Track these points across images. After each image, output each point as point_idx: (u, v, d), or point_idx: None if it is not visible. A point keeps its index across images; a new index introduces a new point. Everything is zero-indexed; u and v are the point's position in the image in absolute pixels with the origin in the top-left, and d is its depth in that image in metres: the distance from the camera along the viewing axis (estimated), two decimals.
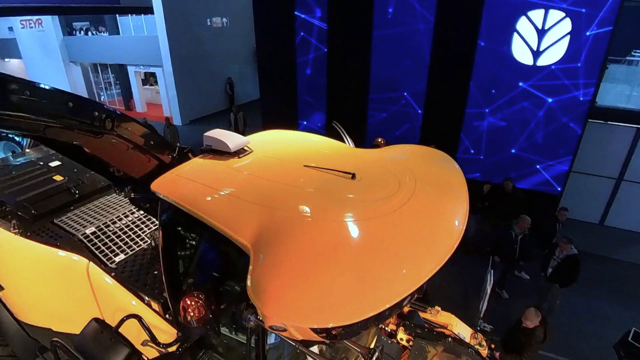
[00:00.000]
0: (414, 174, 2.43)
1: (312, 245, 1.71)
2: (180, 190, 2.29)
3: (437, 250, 1.78)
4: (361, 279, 1.56)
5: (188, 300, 1.70)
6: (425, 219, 2.00)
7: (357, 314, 1.42)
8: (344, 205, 2.01)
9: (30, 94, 1.61)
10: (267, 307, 1.44)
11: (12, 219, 3.46)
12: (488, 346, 4.26)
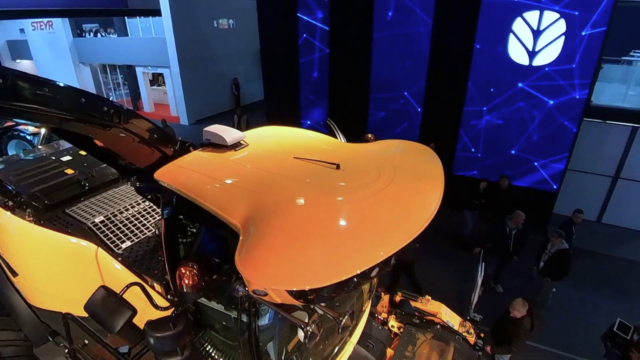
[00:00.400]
0: (394, 165, 2.65)
1: (292, 222, 1.94)
2: (181, 179, 2.53)
3: (406, 228, 2.00)
4: (334, 249, 1.79)
5: (183, 269, 1.94)
6: (398, 203, 2.22)
7: (330, 278, 1.64)
8: (325, 190, 2.24)
9: (48, 90, 1.86)
10: (250, 273, 1.67)
11: (26, 209, 3.72)
12: (477, 334, 4.44)
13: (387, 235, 1.92)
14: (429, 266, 7.63)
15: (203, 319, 2.88)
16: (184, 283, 1.89)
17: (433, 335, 4.35)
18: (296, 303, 1.72)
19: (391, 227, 2.01)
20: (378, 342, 4.01)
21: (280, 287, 1.62)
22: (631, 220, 9.16)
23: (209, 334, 2.96)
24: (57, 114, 1.93)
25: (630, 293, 7.37)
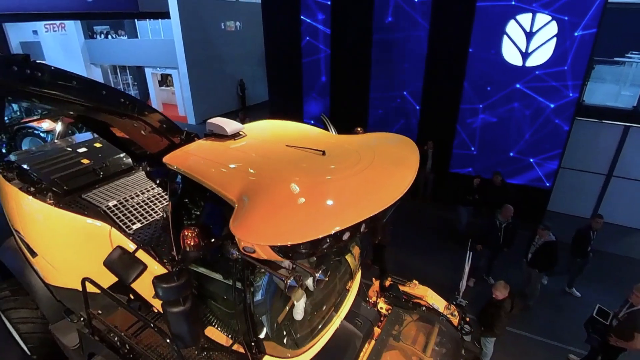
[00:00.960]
0: (375, 152, 2.98)
1: (278, 195, 2.28)
2: (186, 162, 2.88)
3: (376, 202, 2.33)
4: (312, 215, 2.13)
5: (186, 231, 2.29)
6: (372, 182, 2.55)
7: (307, 236, 1.98)
8: (309, 171, 2.58)
9: (76, 83, 2.23)
10: (241, 233, 2.01)
11: (47, 193, 4.12)
12: (461, 317, 4.73)
13: (357, 207, 2.26)
14: (423, 258, 7.93)
15: (204, 290, 3.23)
16: (187, 243, 2.24)
17: (419, 316, 4.66)
18: (279, 259, 2.06)
19: (362, 200, 2.35)
20: (366, 320, 4.33)
21: (265, 243, 1.97)
22: (624, 218, 9.35)
23: (210, 304, 3.31)
24: (83, 102, 2.30)
25: (620, 287, 7.52)
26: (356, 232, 2.18)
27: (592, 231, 6.87)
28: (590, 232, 6.85)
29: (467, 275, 5.44)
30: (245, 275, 2.61)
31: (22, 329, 5.04)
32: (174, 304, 2.31)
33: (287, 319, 3.43)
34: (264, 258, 2.07)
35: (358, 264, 4.20)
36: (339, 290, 3.88)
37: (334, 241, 2.08)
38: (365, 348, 4.13)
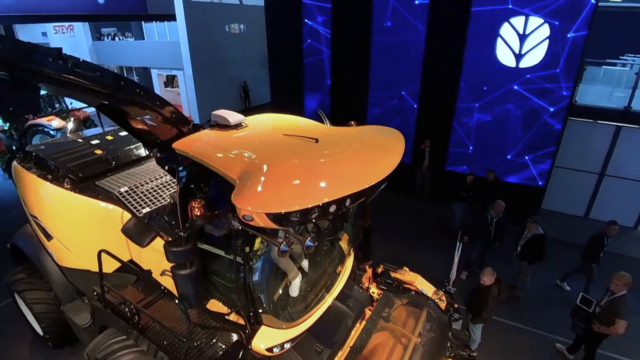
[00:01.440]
0: (363, 140, 3.29)
1: (274, 172, 2.59)
2: (193, 148, 3.19)
3: (361, 180, 2.63)
4: (304, 188, 2.44)
5: (193, 202, 2.60)
6: (358, 164, 2.86)
7: (298, 205, 2.29)
8: (303, 154, 2.89)
9: (99, 74, 2.55)
10: (240, 203, 2.32)
11: (64, 180, 4.46)
12: (449, 303, 5.01)
13: (343, 184, 2.56)
14: (417, 252, 8.20)
15: (209, 268, 3.54)
16: (194, 213, 2.55)
17: (408, 300, 4.94)
18: (273, 226, 2.36)
19: (348, 178, 2.66)
20: (358, 302, 4.62)
21: (262, 211, 2.27)
22: (616, 216, 9.53)
23: (214, 280, 3.62)
24: (104, 90, 2.62)
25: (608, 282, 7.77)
26: (341, 205, 2.48)
27: (606, 237, 6.79)
28: (605, 239, 6.78)
29: (456, 265, 5.74)
30: (245, 251, 2.92)
31: (36, 309, 5.37)
32: (181, 267, 2.62)
33: (284, 295, 3.73)
34: (261, 226, 2.37)
35: (349, 249, 4.50)
36: (330, 272, 4.19)
37: (322, 212, 2.38)
38: (356, 327, 4.41)
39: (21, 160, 5.30)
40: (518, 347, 6.10)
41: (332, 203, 2.40)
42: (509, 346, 6.11)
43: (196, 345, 3.40)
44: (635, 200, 9.33)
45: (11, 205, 10.87)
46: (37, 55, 2.21)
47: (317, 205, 2.33)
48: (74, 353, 5.76)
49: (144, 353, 3.56)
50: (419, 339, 4.45)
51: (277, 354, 3.46)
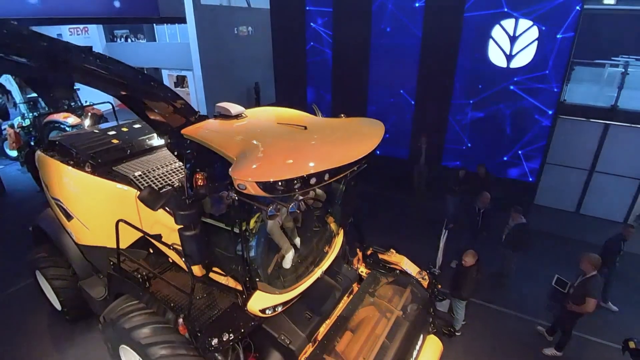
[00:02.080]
0: (347, 128, 3.78)
1: (265, 151, 3.08)
2: (199, 133, 3.69)
3: (339, 159, 3.11)
4: (290, 163, 2.92)
5: (197, 175, 3.09)
6: (339, 146, 3.34)
7: (285, 175, 2.77)
8: (292, 139, 3.38)
9: (121, 68, 3.07)
10: (236, 173, 2.81)
11: (85, 165, 5.01)
12: (431, 281, 5.44)
13: (323, 161, 3.05)
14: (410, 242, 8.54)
15: (212, 241, 4.03)
16: (198, 183, 3.05)
17: (393, 279, 5.39)
18: (263, 194, 2.84)
19: (328, 157, 3.14)
20: (346, 278, 5.08)
21: (252, 180, 2.76)
22: (605, 211, 9.88)
23: (217, 252, 4.11)
24: (125, 82, 3.14)
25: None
26: (320, 178, 2.96)
27: (623, 241, 6.61)
28: (622, 243, 6.61)
29: (442, 250, 6.17)
30: (242, 222, 3.41)
31: (56, 284, 5.92)
32: (187, 228, 3.12)
33: (277, 266, 4.22)
34: (252, 194, 2.86)
35: (337, 230, 4.97)
36: (320, 249, 4.67)
37: (303, 183, 2.86)
38: (344, 300, 4.88)
39: (44, 150, 5.88)
40: (501, 329, 6.48)
41: (312, 176, 2.88)
42: (492, 328, 6.50)
43: (199, 308, 3.90)
44: (624, 196, 9.62)
45: (30, 196, 11.56)
46: (74, 52, 2.73)
47: (299, 176, 2.82)
48: (89, 327, 6.30)
49: (154, 314, 4.07)
50: (401, 312, 4.90)
51: (269, 316, 3.95)
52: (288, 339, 4.03)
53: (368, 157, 3.53)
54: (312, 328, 4.29)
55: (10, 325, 6.43)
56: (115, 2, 9.97)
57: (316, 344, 4.23)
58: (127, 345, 4.18)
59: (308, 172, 2.85)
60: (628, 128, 9.11)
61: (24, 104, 15.16)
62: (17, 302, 7.03)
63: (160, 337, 3.87)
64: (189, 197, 3.14)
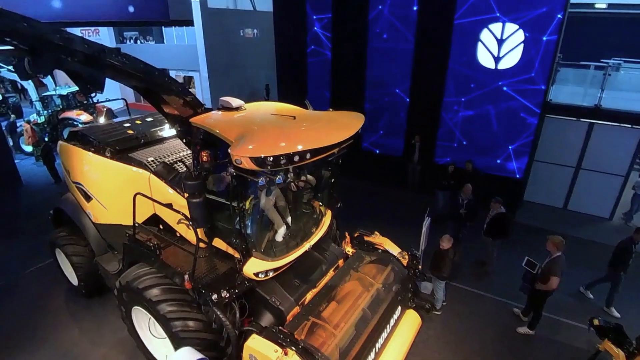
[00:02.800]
0: (331, 119, 4.39)
1: (258, 135, 3.70)
2: (204, 121, 4.32)
3: (320, 141, 3.71)
4: (278, 144, 3.53)
5: (202, 152, 3.72)
6: (323, 132, 3.94)
7: (271, 153, 3.37)
8: (282, 126, 4.00)
9: (142, 66, 3.71)
10: (233, 151, 3.42)
11: (104, 151, 5.67)
12: (410, 260, 5.99)
13: (306, 142, 3.65)
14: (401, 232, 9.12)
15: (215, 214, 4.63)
16: (202, 159, 3.68)
17: (376, 257, 5.96)
18: (255, 168, 3.45)
19: (310, 140, 3.74)
20: (333, 255, 5.67)
21: (246, 155, 3.37)
22: (591, 207, 10.34)
23: (218, 225, 4.73)
24: (144, 77, 3.78)
25: (584, 266, 8.48)
26: (303, 157, 3.56)
27: (633, 244, 6.58)
28: (632, 245, 6.58)
29: (424, 235, 6.73)
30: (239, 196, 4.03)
31: (74, 260, 6.58)
32: (194, 196, 3.75)
33: (270, 239, 4.83)
34: (247, 168, 3.48)
35: (325, 211, 5.59)
36: (308, 228, 5.28)
37: (288, 160, 3.47)
38: (330, 273, 5.46)
39: (66, 140, 6.57)
40: (479, 310, 7.00)
41: (296, 154, 3.49)
42: (472, 309, 7.02)
43: (202, 271, 4.52)
44: (610, 193, 10.06)
45: (44, 187, 12.32)
46: (107, 52, 3.38)
47: (285, 154, 3.43)
48: (102, 302, 6.94)
49: (164, 277, 4.69)
50: (381, 286, 5.47)
51: (262, 279, 4.55)
52: (278, 301, 4.63)
53: (348, 143, 4.15)
54: (300, 294, 4.88)
55: (31, 301, 7.09)
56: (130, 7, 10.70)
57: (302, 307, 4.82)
58: (139, 305, 4.81)
59: (292, 151, 3.47)
60: (612, 127, 9.58)
61: (39, 101, 16.03)
62: (35, 280, 7.70)
63: (169, 295, 4.49)
64: (196, 170, 3.76)
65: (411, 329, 5.75)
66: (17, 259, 8.33)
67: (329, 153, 3.94)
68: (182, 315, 4.42)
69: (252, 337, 4.14)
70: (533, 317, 6.36)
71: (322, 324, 4.74)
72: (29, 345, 6.07)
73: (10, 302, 7.09)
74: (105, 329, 6.35)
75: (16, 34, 2.98)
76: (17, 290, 7.42)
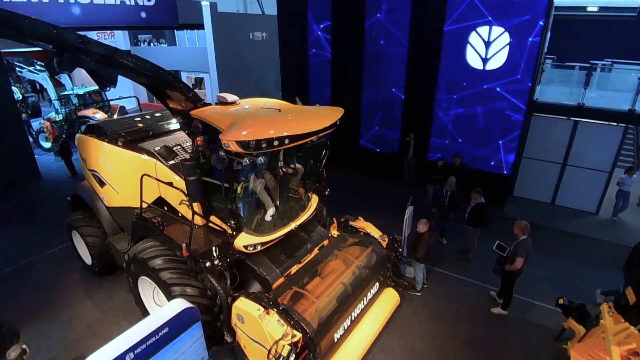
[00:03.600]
0: (313, 112, 5.02)
1: (245, 123, 4.35)
2: (203, 113, 4.99)
3: (298, 129, 4.34)
4: (261, 130, 4.17)
5: (197, 137, 4.39)
6: (303, 121, 4.58)
7: (254, 137, 4.01)
8: (267, 116, 4.64)
9: (149, 66, 4.40)
10: (223, 136, 4.07)
11: (117, 141, 6.40)
12: (389, 242, 6.56)
13: (285, 129, 4.28)
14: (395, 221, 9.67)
15: (211, 195, 5.29)
16: (197, 143, 4.34)
17: (359, 239, 6.55)
18: (241, 150, 4.09)
19: (289, 127, 4.37)
20: (319, 235, 6.28)
21: (233, 139, 4.02)
22: (577, 202, 10.71)
23: (214, 204, 5.39)
24: (152, 75, 4.47)
25: (569, 258, 8.91)
26: (282, 142, 4.19)
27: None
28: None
29: (406, 221, 7.29)
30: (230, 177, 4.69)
31: (89, 240, 7.31)
32: (190, 175, 4.41)
33: (260, 217, 5.47)
34: (234, 150, 4.12)
35: (311, 196, 6.21)
36: (295, 210, 5.91)
37: (268, 144, 4.10)
38: (314, 251, 6.08)
39: (83, 133, 7.34)
40: (458, 292, 7.50)
41: (275, 139, 4.13)
42: (451, 291, 7.52)
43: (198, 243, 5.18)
44: (595, 188, 10.43)
45: (61, 180, 13.21)
46: (119, 53, 4.08)
47: (265, 138, 4.07)
48: (112, 279, 7.66)
49: (165, 249, 5.36)
50: (361, 264, 6.06)
51: (251, 252, 5.19)
52: (265, 272, 5.26)
53: (325, 132, 4.78)
54: (285, 267, 5.51)
55: (49, 278, 7.86)
56: (142, 13, 11.55)
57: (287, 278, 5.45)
58: (145, 275, 5.49)
59: (272, 136, 4.11)
60: (596, 124, 9.97)
61: (57, 100, 17.05)
62: (53, 261, 8.49)
63: (170, 264, 5.16)
64: (192, 153, 4.43)
65: (388, 304, 6.33)
66: (36, 242, 9.15)
67: (307, 140, 4.57)
68: (181, 282, 5.08)
69: (240, 299, 4.78)
70: (505, 298, 6.84)
71: (305, 293, 5.36)
72: (48, 313, 6.80)
73: (30, 278, 7.87)
74: (114, 301, 7.06)
75: (48, 39, 3.70)
76: (36, 269, 8.21)
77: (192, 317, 3.94)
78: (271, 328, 4.45)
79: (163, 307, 4.03)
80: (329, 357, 5.19)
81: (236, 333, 4.97)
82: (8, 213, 10.88)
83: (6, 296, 7.30)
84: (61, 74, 17.17)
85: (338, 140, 12.84)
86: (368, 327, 5.81)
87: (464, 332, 6.53)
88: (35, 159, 13.75)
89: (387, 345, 6.12)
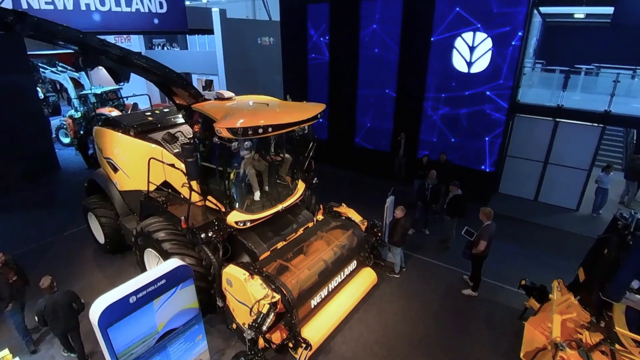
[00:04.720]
0: (295, 106, 5.82)
1: (235, 114, 5.16)
2: (203, 107, 5.82)
3: (281, 120, 5.14)
4: (248, 119, 4.98)
5: (195, 125, 5.22)
6: (284, 114, 5.38)
7: (242, 125, 4.82)
8: (255, 109, 5.47)
9: (157, 65, 5.26)
10: (216, 125, 4.89)
11: (130, 132, 7.31)
12: (369, 226, 7.28)
13: (269, 119, 5.09)
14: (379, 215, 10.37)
15: (208, 178, 6.11)
16: (195, 129, 5.18)
17: (341, 223, 7.29)
18: (231, 136, 4.90)
19: (274, 118, 5.18)
20: (304, 218, 7.05)
21: (225, 126, 4.84)
22: (557, 199, 11.25)
23: (210, 186, 6.21)
24: (160, 73, 5.33)
25: (537, 247, 9.47)
26: (266, 130, 4.99)
27: None
28: None
29: (387, 210, 7.99)
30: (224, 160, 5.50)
31: (103, 221, 8.21)
32: (188, 157, 5.24)
33: (250, 198, 6.28)
34: (225, 136, 4.93)
35: (298, 182, 6.99)
36: (282, 194, 6.69)
37: (254, 131, 4.91)
38: (299, 232, 6.84)
39: (100, 125, 8.29)
40: (433, 276, 8.16)
41: (259, 127, 4.94)
42: (427, 275, 8.19)
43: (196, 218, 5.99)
44: (575, 186, 10.97)
45: (79, 173, 14.25)
46: (132, 55, 4.96)
47: (252, 126, 4.88)
48: (122, 257, 8.54)
49: (168, 224, 6.20)
50: (342, 244, 6.81)
51: (241, 227, 5.98)
52: (253, 245, 6.06)
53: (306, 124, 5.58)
54: (271, 242, 6.30)
55: (65, 255, 8.80)
56: (155, 19, 12.61)
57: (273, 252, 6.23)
58: (150, 247, 6.33)
59: (258, 125, 4.92)
60: (574, 125, 10.54)
61: (76, 99, 18.23)
62: (70, 241, 9.43)
63: (171, 237, 6.00)
64: (190, 138, 5.27)
65: (365, 281, 7.06)
66: (55, 225, 10.12)
67: (289, 130, 5.37)
68: (180, 251, 5.90)
69: (229, 266, 5.58)
70: (475, 280, 7.49)
71: (288, 266, 6.13)
72: (64, 284, 7.63)
73: (49, 256, 8.81)
74: (124, 276, 7.92)
75: (75, 42, 4.59)
76: (54, 248, 9.15)
77: (185, 273, 4.73)
78: (254, 290, 5.22)
79: (162, 264, 4.83)
80: (306, 322, 5.93)
81: (226, 298, 5.76)
82: (31, 200, 11.94)
83: (28, 269, 8.21)
84: (80, 75, 18.40)
85: (335, 139, 13.79)
86: (345, 299, 6.54)
87: (435, 309, 7.20)
88: (56, 153, 14.85)
89: (362, 318, 6.83)
